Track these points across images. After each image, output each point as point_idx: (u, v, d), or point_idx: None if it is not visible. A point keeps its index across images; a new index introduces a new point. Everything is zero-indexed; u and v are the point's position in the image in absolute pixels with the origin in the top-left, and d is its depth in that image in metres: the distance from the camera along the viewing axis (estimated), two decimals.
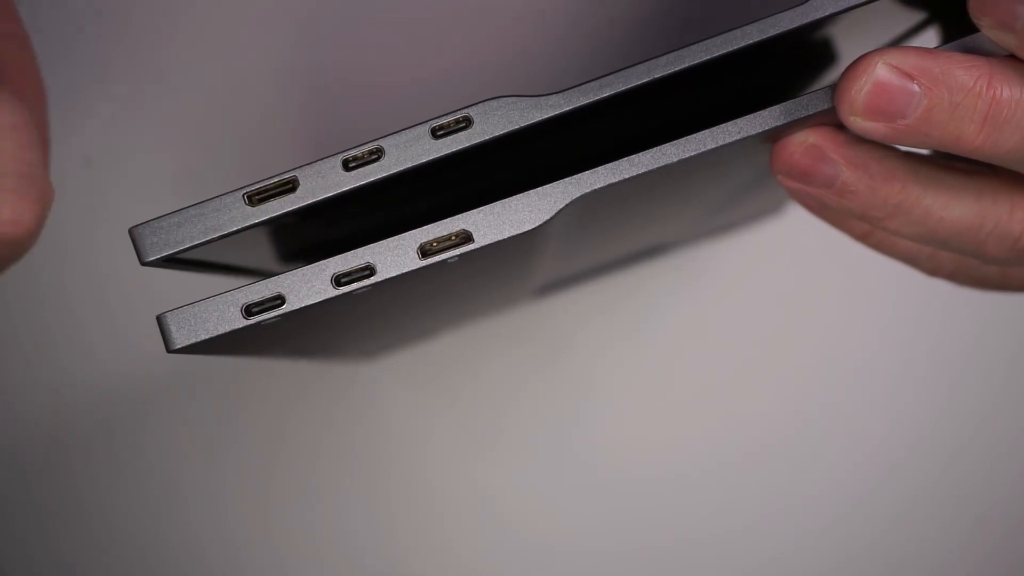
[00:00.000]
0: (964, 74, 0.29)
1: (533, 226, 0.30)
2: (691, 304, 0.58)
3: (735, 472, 0.57)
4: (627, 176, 0.30)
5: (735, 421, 0.58)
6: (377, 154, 0.29)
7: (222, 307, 0.30)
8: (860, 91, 0.29)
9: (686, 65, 0.30)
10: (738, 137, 0.30)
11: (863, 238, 0.37)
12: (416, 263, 0.30)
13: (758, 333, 0.58)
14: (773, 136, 0.32)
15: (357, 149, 0.29)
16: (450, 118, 0.29)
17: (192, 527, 0.58)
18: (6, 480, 0.58)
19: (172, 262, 0.30)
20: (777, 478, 0.58)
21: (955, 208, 0.32)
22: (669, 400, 0.58)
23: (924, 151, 0.33)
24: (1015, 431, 0.57)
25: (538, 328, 0.58)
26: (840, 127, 0.32)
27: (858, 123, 0.29)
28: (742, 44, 0.30)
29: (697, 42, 0.30)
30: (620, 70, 0.30)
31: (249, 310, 0.30)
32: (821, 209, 0.34)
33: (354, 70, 0.52)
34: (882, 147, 0.32)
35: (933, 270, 0.38)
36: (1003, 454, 0.57)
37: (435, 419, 0.58)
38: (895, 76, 0.29)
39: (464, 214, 0.30)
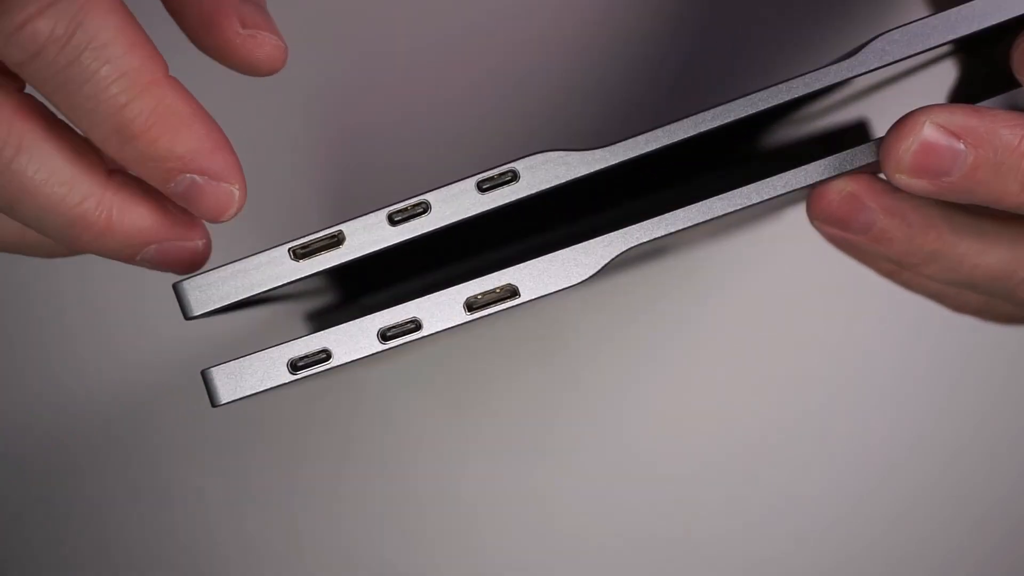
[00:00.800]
0: (1009, 133, 0.29)
1: (580, 280, 0.30)
2: (691, 304, 0.58)
3: (736, 473, 0.58)
4: (673, 230, 0.30)
5: (735, 422, 0.58)
6: (423, 207, 0.29)
7: (268, 363, 0.30)
8: (907, 151, 0.29)
9: (732, 119, 0.30)
10: (783, 191, 0.30)
11: (889, 275, 0.37)
12: (462, 317, 0.30)
13: (758, 333, 0.58)
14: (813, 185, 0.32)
15: (403, 203, 0.29)
16: (496, 172, 0.29)
17: (190, 528, 0.58)
18: (10, 481, 0.57)
19: (213, 313, 0.30)
20: (776, 478, 0.58)
21: (990, 255, 0.32)
22: (669, 400, 0.58)
23: None
24: (1015, 431, 0.58)
25: (539, 329, 0.58)
26: (877, 174, 0.32)
27: (903, 180, 0.30)
28: (787, 98, 0.30)
29: (743, 96, 0.30)
30: (666, 124, 0.30)
31: (295, 365, 0.30)
32: (853, 250, 0.35)
33: (359, 74, 0.52)
34: (919, 196, 0.32)
35: (958, 307, 0.38)
36: (1003, 454, 0.58)
37: (435, 420, 0.58)
38: (942, 136, 0.29)
39: (510, 268, 0.30)
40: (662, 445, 0.58)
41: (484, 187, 0.29)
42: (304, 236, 0.30)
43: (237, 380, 0.30)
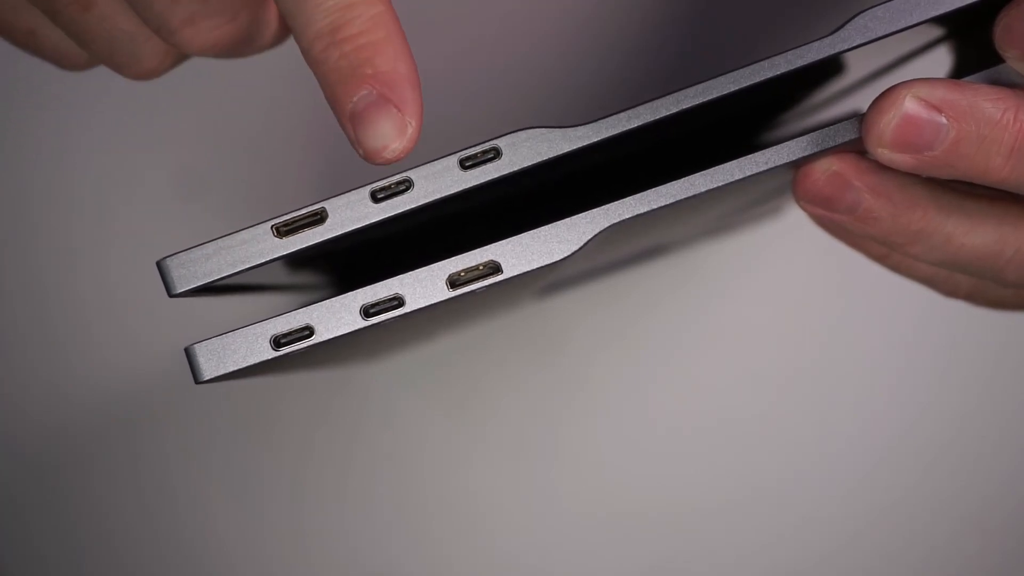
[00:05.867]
0: (991, 106, 0.29)
1: (562, 257, 0.30)
2: (692, 304, 0.58)
3: (739, 471, 0.58)
4: (655, 207, 0.30)
5: (738, 420, 0.58)
6: (406, 185, 0.29)
7: (251, 339, 0.30)
8: (888, 124, 0.29)
9: (714, 96, 0.30)
10: (765, 168, 0.30)
11: (881, 259, 0.37)
12: (445, 294, 0.30)
13: (759, 332, 0.58)
14: (797, 163, 0.32)
15: (385, 180, 0.29)
16: (478, 149, 0.29)
17: (195, 529, 0.58)
18: (13, 476, 0.58)
19: (197, 291, 0.30)
20: (779, 476, 0.58)
21: (976, 235, 0.32)
22: (671, 399, 0.58)
23: None
24: (1014, 429, 0.58)
25: (539, 329, 0.58)
26: (863, 153, 0.32)
27: (885, 155, 0.30)
28: (769, 75, 0.30)
29: (725, 73, 0.30)
30: (648, 101, 0.30)
31: (278, 341, 0.30)
32: (841, 232, 0.35)
33: None
34: (904, 175, 0.32)
35: (950, 292, 0.38)
36: (998, 453, 0.58)
37: (439, 420, 0.58)
38: (923, 109, 0.29)
39: (492, 245, 0.30)
40: (664, 444, 0.58)
41: (467, 164, 0.29)
42: (287, 213, 0.30)
43: (220, 356, 0.30)
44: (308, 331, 0.30)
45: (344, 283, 0.36)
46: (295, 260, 0.34)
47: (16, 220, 0.56)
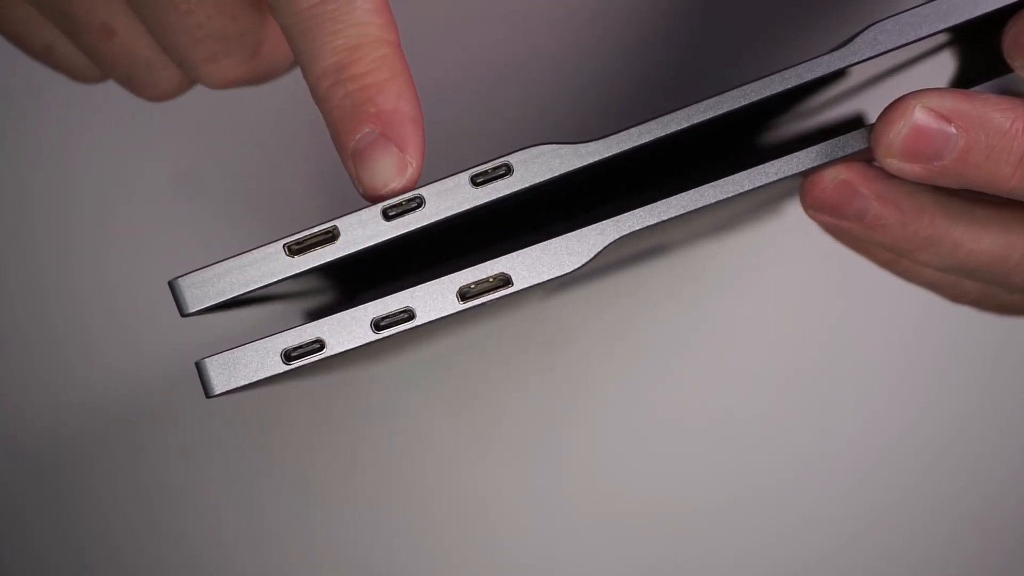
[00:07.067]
0: (1000, 116, 0.29)
1: (572, 268, 0.30)
2: (692, 304, 0.58)
3: (739, 472, 0.58)
4: (665, 218, 0.30)
5: (739, 421, 0.58)
6: (417, 202, 0.29)
7: (262, 353, 0.30)
8: (898, 134, 0.29)
9: (724, 111, 0.30)
10: (775, 178, 0.30)
11: (887, 265, 0.37)
12: (455, 307, 0.30)
13: (761, 332, 0.58)
14: (805, 172, 0.32)
15: (397, 198, 0.29)
16: (489, 166, 0.29)
17: (198, 530, 0.58)
18: (15, 477, 0.57)
19: (209, 310, 0.30)
20: (776, 477, 0.58)
21: (984, 240, 0.32)
22: (672, 400, 0.58)
23: None
24: (1014, 429, 0.58)
25: (541, 329, 0.58)
26: (870, 161, 0.32)
27: (895, 164, 0.30)
28: (780, 89, 0.30)
29: (735, 87, 0.30)
30: (659, 116, 0.30)
31: (289, 355, 0.30)
32: (849, 239, 0.35)
33: None
34: (912, 182, 0.32)
35: (956, 297, 0.38)
36: (998, 453, 0.58)
37: (442, 421, 0.58)
38: (932, 119, 0.29)
39: (502, 257, 0.30)
40: (665, 444, 0.58)
41: (478, 181, 0.29)
42: (298, 232, 0.30)
43: (231, 371, 0.30)
44: (319, 344, 0.30)
45: (352, 291, 0.36)
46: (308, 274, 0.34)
47: (16, 220, 0.56)
